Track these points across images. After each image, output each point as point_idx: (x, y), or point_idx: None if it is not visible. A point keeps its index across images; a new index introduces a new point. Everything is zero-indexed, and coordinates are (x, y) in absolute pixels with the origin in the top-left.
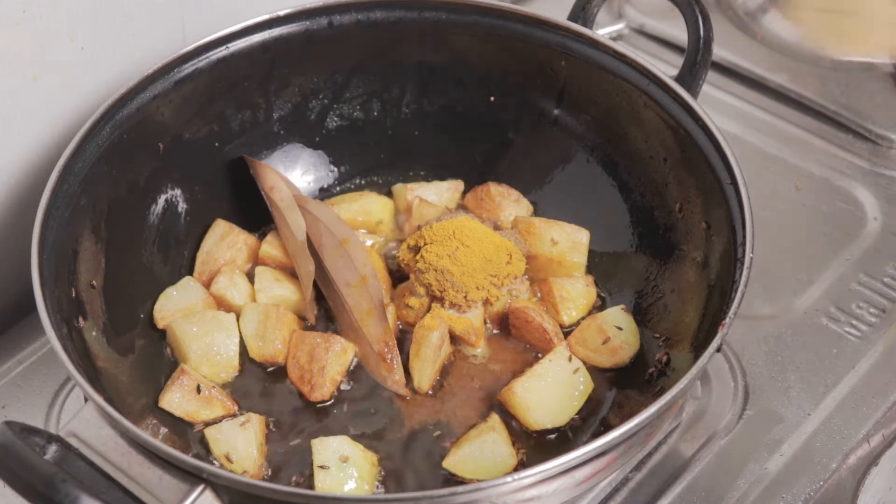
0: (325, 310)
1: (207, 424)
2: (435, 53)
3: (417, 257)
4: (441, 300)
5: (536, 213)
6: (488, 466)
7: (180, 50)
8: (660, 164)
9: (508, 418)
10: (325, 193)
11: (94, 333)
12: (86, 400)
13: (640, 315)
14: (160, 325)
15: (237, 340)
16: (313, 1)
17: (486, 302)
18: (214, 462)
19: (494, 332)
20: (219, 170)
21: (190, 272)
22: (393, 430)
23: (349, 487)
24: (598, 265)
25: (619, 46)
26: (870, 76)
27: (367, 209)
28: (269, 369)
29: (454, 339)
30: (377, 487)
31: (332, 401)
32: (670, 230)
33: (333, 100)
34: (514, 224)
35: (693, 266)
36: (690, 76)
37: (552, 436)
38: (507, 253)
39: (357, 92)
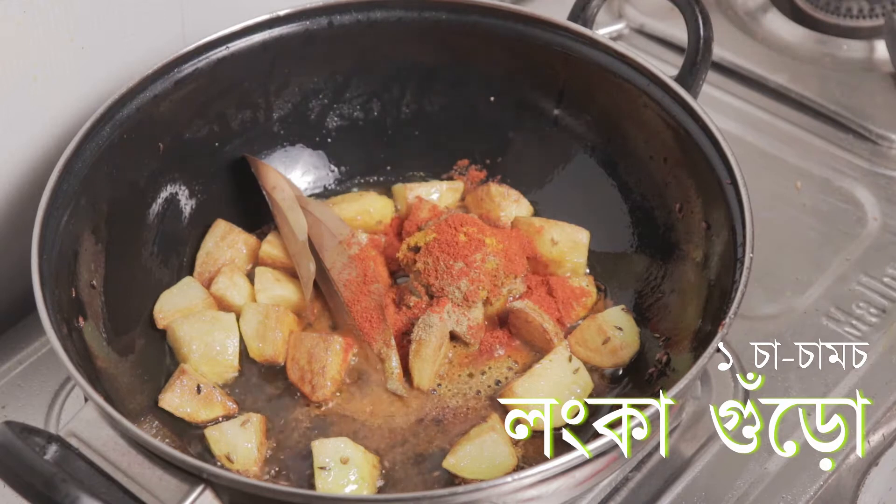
0: (325, 310)
1: (207, 424)
2: (435, 53)
3: (417, 257)
4: (440, 300)
5: (536, 213)
6: (488, 466)
7: (180, 50)
8: (660, 164)
9: None
10: (325, 193)
11: (94, 333)
12: (86, 400)
13: (640, 315)
14: (160, 325)
15: (237, 340)
16: (313, 1)
17: (487, 302)
18: (215, 462)
19: (494, 331)
20: (219, 170)
21: (190, 272)
22: (393, 430)
23: (350, 489)
24: (598, 265)
25: (619, 46)
26: (870, 76)
27: (367, 209)
28: (268, 369)
29: (454, 338)
30: (378, 488)
31: (333, 401)
32: (670, 230)
33: (333, 100)
34: (514, 224)
35: (693, 266)
36: (690, 76)
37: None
38: (507, 253)
39: (357, 92)
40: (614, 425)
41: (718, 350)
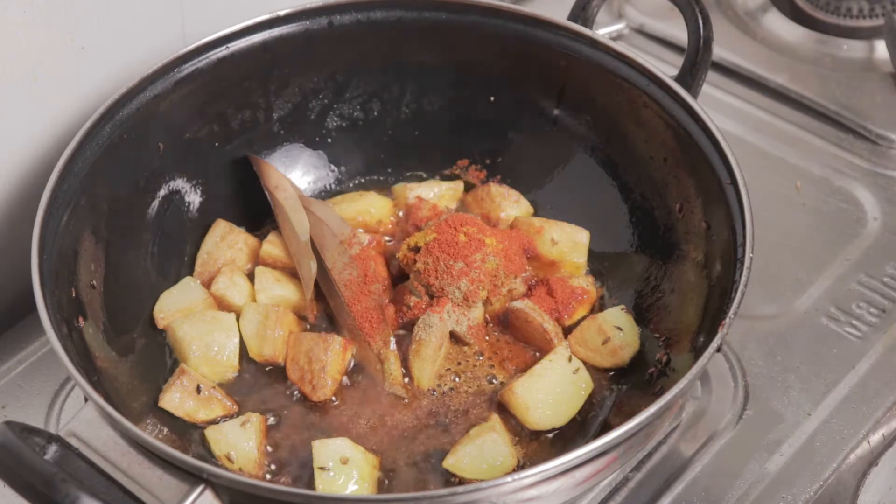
0: (325, 310)
1: (207, 424)
2: (435, 53)
3: (417, 257)
4: (440, 300)
5: (536, 213)
6: (488, 466)
7: (180, 50)
8: (660, 164)
9: (508, 418)
10: (325, 193)
11: (94, 333)
12: (86, 400)
13: (640, 315)
14: (160, 325)
15: (237, 340)
16: (313, 1)
17: (486, 301)
18: (215, 462)
19: (494, 331)
20: (219, 170)
21: (190, 272)
22: (393, 430)
23: (350, 489)
24: (598, 265)
25: (619, 46)
26: (870, 76)
27: (367, 209)
28: (268, 369)
29: (454, 338)
30: (378, 488)
31: (333, 401)
32: (670, 230)
33: (333, 100)
34: (514, 224)
35: (693, 266)
36: (690, 76)
37: (552, 436)
38: (507, 253)
39: (357, 92)
40: (614, 426)
41: (718, 350)
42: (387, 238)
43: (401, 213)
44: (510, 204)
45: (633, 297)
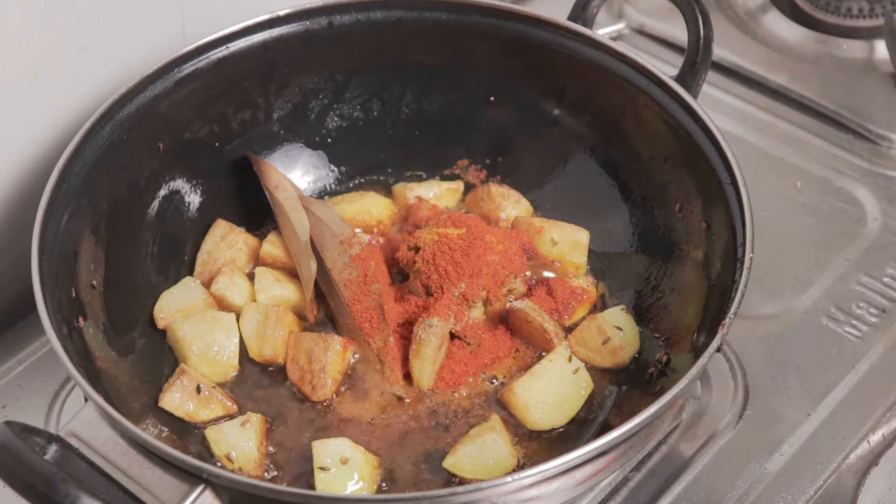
0: (325, 310)
1: (207, 424)
2: (435, 53)
3: (417, 257)
4: (441, 300)
5: (536, 213)
6: (488, 466)
7: (180, 50)
8: (660, 164)
9: (508, 418)
10: (325, 193)
11: (94, 333)
12: (86, 400)
13: (640, 315)
14: (160, 325)
15: (237, 340)
16: (313, 1)
17: (487, 301)
18: (215, 462)
19: (494, 331)
20: (219, 170)
21: (190, 272)
22: (393, 430)
23: (350, 489)
24: (598, 265)
25: (619, 46)
26: (870, 76)
27: (367, 209)
28: (269, 369)
29: (454, 338)
30: (378, 488)
31: (333, 401)
32: (670, 230)
33: (333, 100)
34: (514, 224)
35: (693, 266)
36: (690, 76)
37: (552, 436)
38: (507, 253)
39: (357, 92)
40: (614, 426)
41: (718, 350)
42: (386, 238)
43: (401, 213)
44: (510, 204)
45: (633, 297)
